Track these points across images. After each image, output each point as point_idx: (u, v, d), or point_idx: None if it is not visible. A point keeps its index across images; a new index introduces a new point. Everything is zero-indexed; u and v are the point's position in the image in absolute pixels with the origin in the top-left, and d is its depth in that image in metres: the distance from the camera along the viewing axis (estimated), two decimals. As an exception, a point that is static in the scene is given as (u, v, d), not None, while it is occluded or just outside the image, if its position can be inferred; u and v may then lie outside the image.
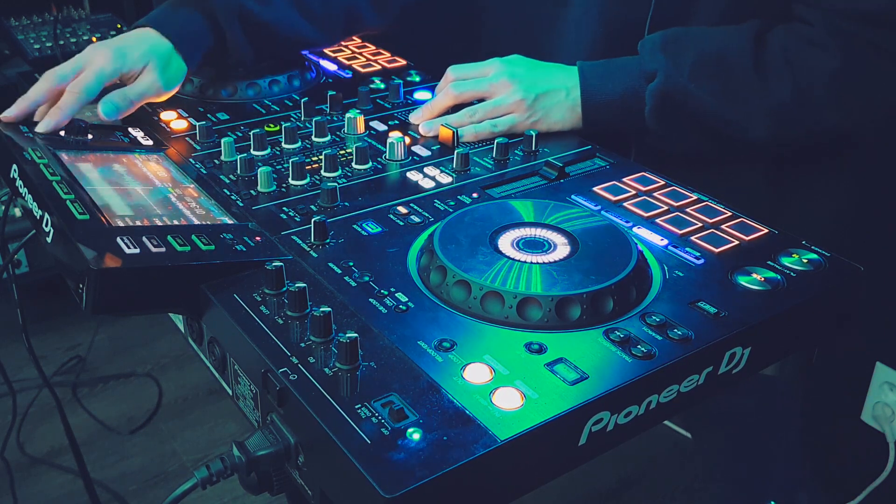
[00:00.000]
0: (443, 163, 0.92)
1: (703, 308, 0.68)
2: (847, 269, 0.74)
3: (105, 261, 0.65)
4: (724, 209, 0.83)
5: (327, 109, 1.05)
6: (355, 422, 0.55)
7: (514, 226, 0.75)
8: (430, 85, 1.12)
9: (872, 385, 1.49)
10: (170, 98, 1.04)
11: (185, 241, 0.70)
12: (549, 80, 0.98)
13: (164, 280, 0.68)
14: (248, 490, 0.62)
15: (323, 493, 0.59)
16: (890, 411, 1.46)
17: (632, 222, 0.80)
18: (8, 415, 1.23)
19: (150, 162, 0.91)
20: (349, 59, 1.24)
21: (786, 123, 0.93)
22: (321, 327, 0.63)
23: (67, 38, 2.08)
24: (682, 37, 0.95)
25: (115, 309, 0.70)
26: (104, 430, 1.87)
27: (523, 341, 0.63)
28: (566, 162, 0.91)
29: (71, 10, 2.23)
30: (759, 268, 0.73)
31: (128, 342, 2.13)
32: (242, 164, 0.89)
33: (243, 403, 0.68)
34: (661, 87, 0.93)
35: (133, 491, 1.73)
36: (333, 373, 0.60)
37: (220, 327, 0.69)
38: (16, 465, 1.70)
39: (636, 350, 0.62)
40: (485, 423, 0.56)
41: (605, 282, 0.66)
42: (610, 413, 0.60)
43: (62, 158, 0.85)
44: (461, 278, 0.67)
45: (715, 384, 0.67)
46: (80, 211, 0.72)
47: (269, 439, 0.61)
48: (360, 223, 0.80)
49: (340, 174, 0.89)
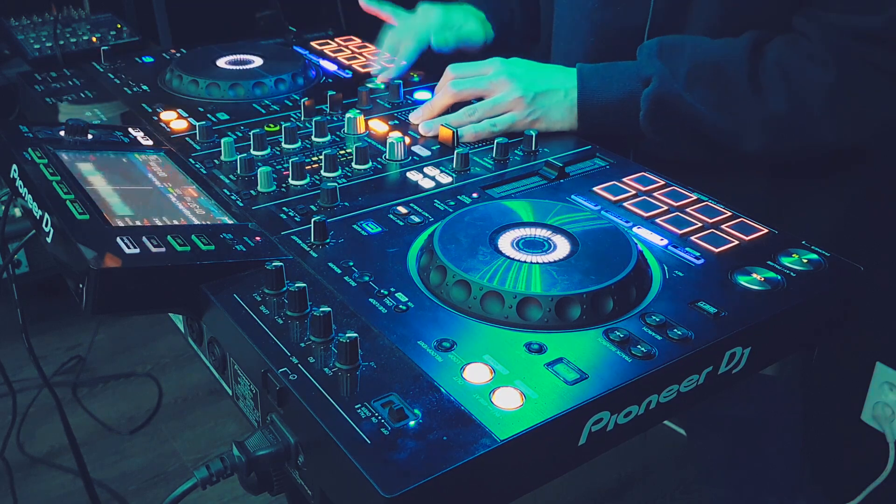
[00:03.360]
0: (443, 163, 0.92)
1: (703, 308, 0.68)
2: (847, 269, 0.74)
3: (105, 261, 0.65)
4: (724, 209, 0.83)
5: (327, 109, 1.05)
6: (355, 422, 0.55)
7: (513, 226, 0.75)
8: (430, 85, 1.12)
9: (872, 385, 1.49)
10: (170, 98, 1.04)
11: (185, 241, 0.71)
12: (548, 79, 0.98)
13: (164, 280, 0.68)
14: (248, 490, 0.62)
15: (323, 493, 0.59)
16: (890, 411, 1.46)
17: (632, 222, 0.80)
18: (8, 415, 1.23)
19: (150, 162, 0.91)
20: (349, 59, 1.24)
21: (779, 136, 0.93)
22: (321, 327, 0.63)
23: (67, 38, 2.08)
24: (680, 44, 0.95)
25: (115, 309, 0.70)
26: (104, 430, 1.87)
27: (523, 341, 0.63)
28: (566, 162, 0.91)
29: (71, 10, 2.24)
30: (759, 268, 0.73)
31: (128, 342, 2.13)
32: (242, 164, 0.89)
33: (243, 403, 0.68)
34: (655, 92, 0.93)
35: (133, 491, 1.73)
36: (333, 373, 0.60)
37: (220, 327, 0.69)
38: (16, 465, 1.70)
39: (636, 350, 0.62)
40: (485, 422, 0.56)
41: (604, 282, 0.66)
42: (610, 413, 0.60)
43: (62, 158, 0.85)
44: (461, 278, 0.67)
45: (715, 384, 0.67)
46: (80, 211, 0.72)
47: (269, 439, 0.61)
48: (360, 223, 0.80)
49: (340, 174, 0.89)
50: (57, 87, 1.13)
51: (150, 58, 1.23)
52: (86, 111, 1.04)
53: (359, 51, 1.28)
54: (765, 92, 0.91)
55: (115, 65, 1.20)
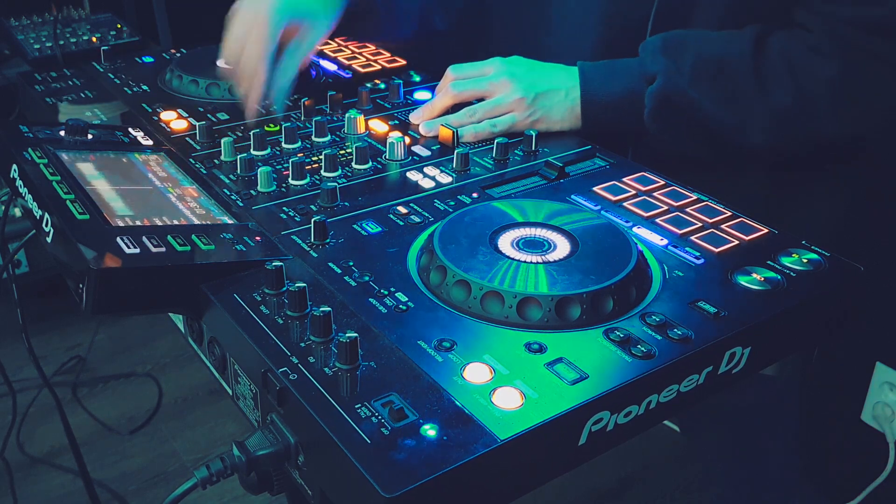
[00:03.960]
0: (443, 163, 0.92)
1: (703, 308, 0.68)
2: (847, 269, 0.74)
3: (105, 261, 0.65)
4: (723, 209, 0.83)
5: (327, 109, 1.05)
6: (355, 421, 0.55)
7: (513, 226, 0.75)
8: (430, 85, 1.12)
9: (872, 385, 1.49)
10: (170, 98, 1.04)
11: (185, 241, 0.71)
12: (549, 79, 0.98)
13: (164, 280, 0.68)
14: (248, 490, 0.62)
15: (323, 493, 0.59)
16: (890, 411, 1.46)
17: (632, 222, 0.80)
18: (8, 415, 1.23)
19: (150, 162, 0.91)
20: (349, 59, 1.24)
21: (785, 129, 0.93)
22: (321, 327, 0.63)
23: (67, 38, 2.08)
24: (683, 40, 0.95)
25: (115, 309, 0.70)
26: (104, 430, 1.87)
27: (523, 341, 0.63)
28: (566, 162, 0.91)
29: (71, 10, 2.24)
30: (759, 268, 0.73)
31: (128, 342, 2.13)
32: (242, 164, 0.89)
33: (243, 403, 0.68)
34: (660, 89, 0.93)
35: (133, 491, 1.73)
36: (333, 372, 0.60)
37: (220, 327, 0.69)
38: (16, 465, 1.70)
39: (636, 350, 0.62)
40: (485, 422, 0.56)
41: (604, 282, 0.66)
42: (610, 413, 0.60)
43: (62, 158, 0.85)
44: (461, 278, 0.67)
45: (715, 384, 0.67)
46: (80, 211, 0.72)
47: (269, 439, 0.61)
48: (360, 223, 0.80)
49: (340, 174, 0.89)
50: (57, 87, 1.13)
51: (150, 58, 1.23)
52: (86, 111, 1.04)
53: (359, 51, 1.28)
54: (770, 85, 0.91)
55: (115, 65, 1.20)
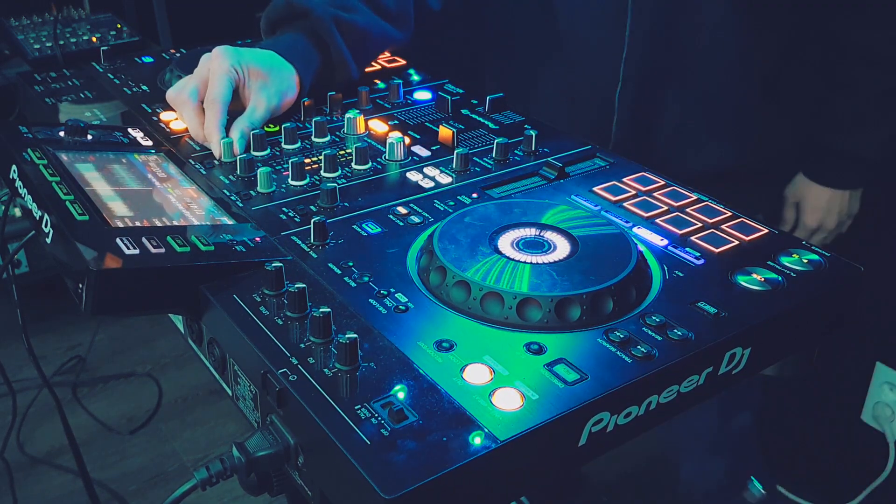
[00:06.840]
0: (443, 163, 0.92)
1: (703, 308, 0.68)
2: (847, 269, 0.74)
3: (105, 261, 0.65)
4: (724, 209, 0.82)
5: (327, 109, 1.05)
6: (355, 423, 0.55)
7: (513, 226, 0.75)
8: (431, 85, 1.12)
9: (872, 385, 1.49)
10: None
11: (184, 241, 0.70)
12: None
13: (163, 281, 0.68)
14: (248, 491, 0.62)
15: (322, 494, 0.59)
16: (890, 411, 1.46)
17: (632, 222, 0.80)
18: (8, 415, 1.23)
19: (149, 162, 0.91)
20: (349, 59, 1.24)
21: None
22: (321, 328, 0.63)
23: (67, 38, 2.08)
24: None
25: (115, 309, 0.70)
26: (104, 430, 1.87)
27: (523, 342, 0.63)
28: (566, 162, 0.91)
29: (71, 10, 2.24)
30: (759, 268, 0.73)
31: (128, 342, 2.13)
32: (242, 164, 0.89)
33: (243, 404, 0.68)
34: None
35: (133, 491, 1.73)
36: (333, 374, 0.60)
37: (219, 328, 0.69)
38: (16, 465, 1.71)
39: (636, 351, 0.62)
40: (485, 423, 0.56)
41: (604, 282, 0.66)
42: (610, 414, 0.60)
43: (62, 158, 0.85)
44: (461, 279, 0.67)
45: (715, 385, 0.67)
46: (79, 211, 0.72)
47: (268, 440, 0.61)
48: (360, 223, 0.80)
49: (340, 174, 0.89)
50: (57, 87, 1.13)
51: (150, 58, 1.23)
52: (86, 111, 1.04)
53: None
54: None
55: (114, 65, 1.20)
